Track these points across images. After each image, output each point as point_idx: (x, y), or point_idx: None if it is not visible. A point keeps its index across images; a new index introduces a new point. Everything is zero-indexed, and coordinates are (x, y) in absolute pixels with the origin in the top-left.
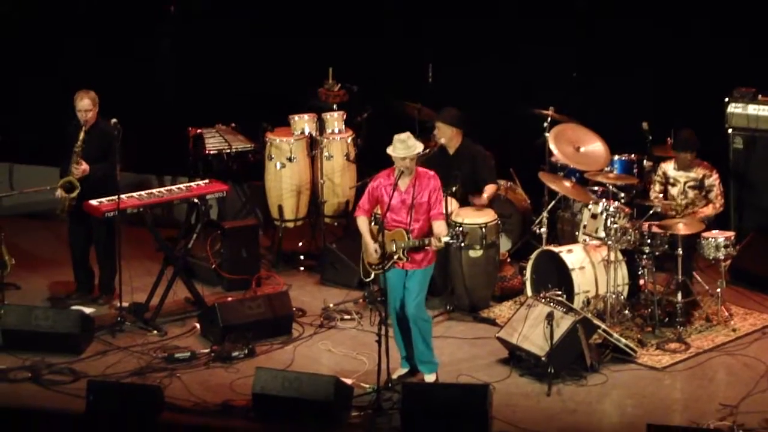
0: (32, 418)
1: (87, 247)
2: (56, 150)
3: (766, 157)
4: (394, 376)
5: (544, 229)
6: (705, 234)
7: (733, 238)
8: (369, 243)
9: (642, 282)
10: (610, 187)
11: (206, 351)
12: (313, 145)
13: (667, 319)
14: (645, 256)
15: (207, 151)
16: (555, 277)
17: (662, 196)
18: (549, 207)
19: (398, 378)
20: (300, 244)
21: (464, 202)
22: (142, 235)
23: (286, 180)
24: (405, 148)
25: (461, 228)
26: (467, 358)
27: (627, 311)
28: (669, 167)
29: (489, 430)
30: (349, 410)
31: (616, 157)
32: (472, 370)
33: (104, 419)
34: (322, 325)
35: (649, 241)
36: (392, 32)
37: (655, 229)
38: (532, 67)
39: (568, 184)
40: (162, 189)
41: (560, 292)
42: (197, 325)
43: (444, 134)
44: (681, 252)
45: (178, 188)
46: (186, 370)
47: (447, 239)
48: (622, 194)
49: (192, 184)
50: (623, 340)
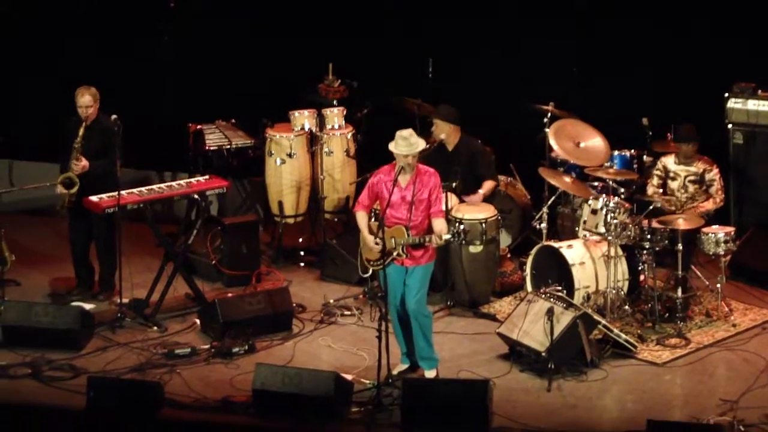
0: (32, 415)
1: (87, 243)
2: (56, 146)
3: (766, 152)
4: (395, 372)
5: (544, 225)
6: (705, 229)
7: (733, 233)
8: (367, 238)
9: (642, 277)
10: (610, 182)
11: (206, 347)
12: (313, 140)
13: (667, 314)
14: (645, 252)
15: (207, 147)
16: (555, 273)
17: (661, 190)
18: (549, 202)
19: (398, 374)
20: (300, 240)
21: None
22: (142, 231)
23: (286, 176)
24: (407, 145)
25: (461, 224)
26: (467, 354)
27: (627, 307)
28: (669, 161)
29: (489, 426)
30: (349, 406)
31: (616, 152)
32: (472, 366)
33: (104, 415)
34: (322, 321)
35: (649, 236)
36: (392, 29)
37: (655, 224)
38: (532, 62)
39: (568, 179)
40: (162, 185)
41: (560, 288)
42: (197, 321)
43: (441, 131)
44: (681, 247)
45: (178, 184)
46: (186, 366)
47: (448, 237)
48: (622, 190)
49: (192, 180)
50: (623, 336)
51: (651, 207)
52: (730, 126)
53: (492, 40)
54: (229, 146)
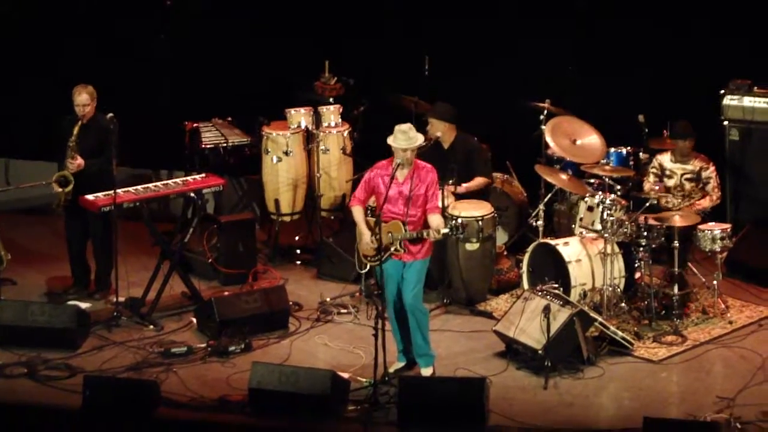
0: (28, 414)
1: (84, 241)
2: (52, 145)
3: (762, 148)
4: (391, 370)
5: (540, 222)
6: (701, 226)
7: (729, 230)
8: (364, 233)
9: (638, 274)
10: (607, 179)
11: (203, 346)
12: (309, 138)
13: (663, 311)
14: (641, 249)
15: (203, 145)
16: (552, 270)
17: (656, 187)
18: (545, 200)
19: (395, 372)
20: (296, 238)
21: (460, 195)
22: (138, 230)
23: (282, 174)
24: (406, 139)
25: (458, 220)
26: (464, 352)
27: (623, 304)
28: (665, 159)
29: (486, 424)
30: (345, 404)
31: (612, 149)
32: (468, 364)
33: (100, 414)
34: (318, 319)
35: (645, 233)
36: (389, 27)
37: (651, 221)
38: (529, 61)
39: (564, 176)
40: (158, 183)
41: (557, 285)
42: (194, 320)
43: (437, 130)
44: (677, 244)
45: (175, 182)
46: (182, 364)
47: (446, 231)
48: (619, 187)
49: (188, 178)
50: (620, 333)
51: (647, 204)
52: (726, 123)
53: (489, 38)
54: (225, 144)
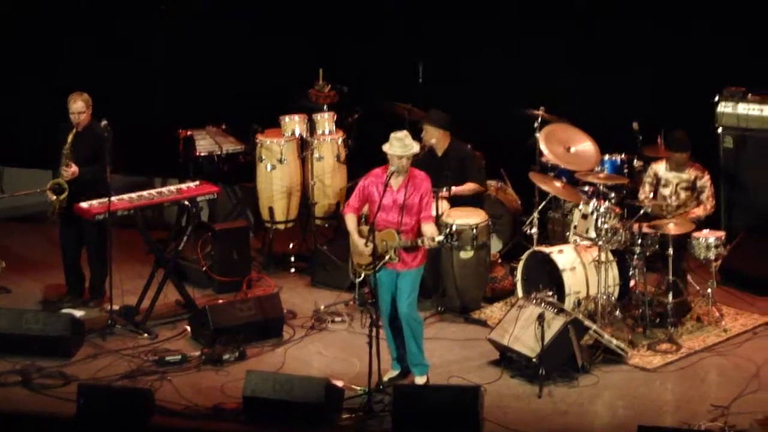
0: (23, 422)
1: (78, 249)
2: (47, 153)
3: (756, 156)
4: (385, 378)
5: (534, 230)
6: (695, 234)
7: (723, 237)
8: (358, 242)
9: (633, 282)
10: (601, 187)
11: (197, 354)
12: (303, 146)
13: (658, 319)
14: (636, 257)
15: (197, 153)
16: (546, 278)
17: (652, 195)
18: (540, 207)
19: (389, 380)
20: (291, 245)
21: (454, 203)
22: (132, 238)
23: (276, 181)
24: (402, 146)
25: (453, 228)
26: (458, 360)
27: (618, 312)
28: (660, 168)
29: None
30: (340, 412)
31: (607, 157)
32: (463, 372)
33: (95, 423)
34: (313, 327)
35: (639, 241)
36: (383, 34)
37: (645, 229)
38: (522, 68)
39: (558, 184)
40: (152, 191)
41: (551, 293)
42: (188, 328)
43: (431, 136)
44: (671, 252)
45: (169, 190)
46: (177, 373)
47: (440, 238)
48: (613, 194)
49: (183, 186)
50: (614, 341)
51: (642, 212)
52: (720, 130)
53: (483, 44)
54: (219, 152)
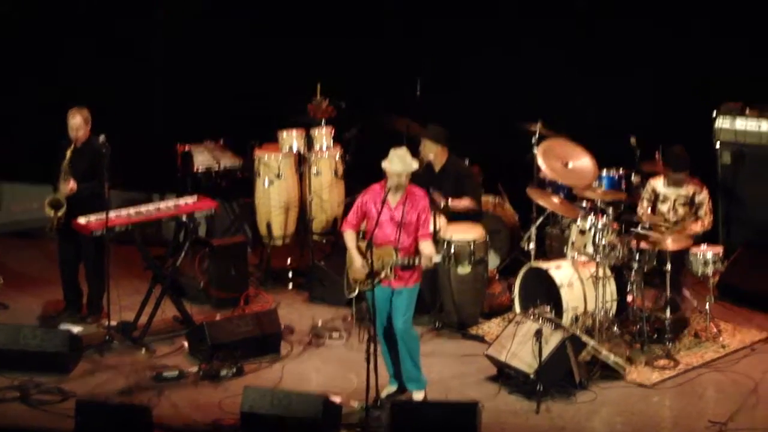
0: None
1: (77, 265)
2: (45, 168)
3: (754, 171)
4: (383, 394)
5: (532, 245)
6: (693, 249)
7: (721, 253)
8: (355, 258)
9: (630, 298)
10: (598, 202)
11: (194, 370)
12: (301, 161)
13: (655, 335)
14: (633, 272)
15: (195, 168)
16: (543, 294)
17: (650, 211)
18: (537, 223)
19: (387, 396)
20: (288, 261)
21: (451, 218)
22: (130, 254)
23: (274, 197)
24: (402, 163)
25: (450, 246)
26: (456, 376)
27: (616, 328)
28: (658, 184)
29: None
30: (337, 428)
31: (604, 172)
32: (460, 388)
33: None
34: (310, 343)
35: (637, 256)
36: (381, 49)
37: (643, 244)
38: (521, 74)
39: (556, 200)
40: (150, 206)
41: (549, 309)
42: (185, 344)
43: (429, 151)
44: (669, 268)
45: (167, 206)
46: (174, 389)
47: (437, 260)
48: (611, 210)
49: (180, 201)
50: (612, 357)
51: (639, 228)
52: (717, 145)
53: (481, 59)
54: (217, 167)
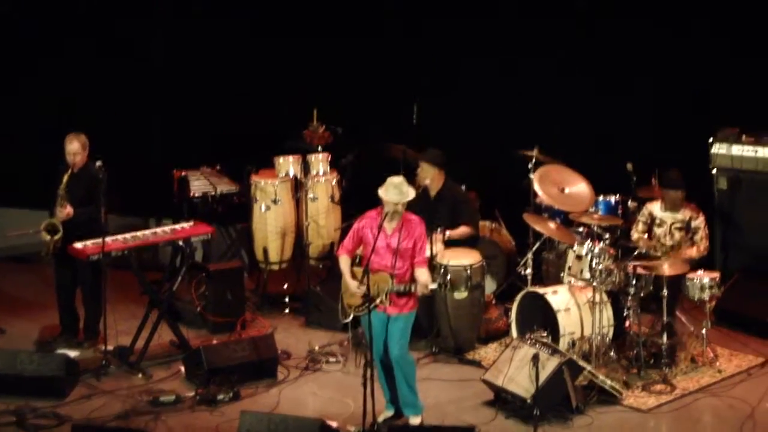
0: None
1: (73, 289)
2: (42, 193)
3: (751, 197)
4: (380, 419)
5: (529, 271)
6: (690, 275)
7: (717, 278)
8: (350, 283)
9: (627, 323)
10: (595, 228)
11: (191, 394)
12: (298, 186)
13: (652, 360)
14: (630, 297)
15: (192, 194)
16: (540, 319)
17: (645, 236)
18: (534, 248)
19: (384, 421)
20: (285, 286)
21: (448, 243)
22: (126, 278)
23: (271, 222)
24: (398, 193)
25: (447, 273)
26: (453, 400)
27: (612, 353)
28: (655, 208)
29: None
30: None
31: (601, 197)
32: (457, 413)
33: None
34: (307, 368)
35: (634, 282)
36: (377, 73)
37: (640, 270)
38: (516, 109)
39: (552, 225)
40: (147, 231)
41: (545, 334)
42: (182, 368)
43: (427, 174)
44: (666, 293)
45: (163, 231)
46: (171, 413)
47: (434, 287)
48: (607, 235)
49: (177, 226)
50: (609, 382)
51: (636, 253)
52: (714, 171)
53: (477, 85)
54: (214, 192)
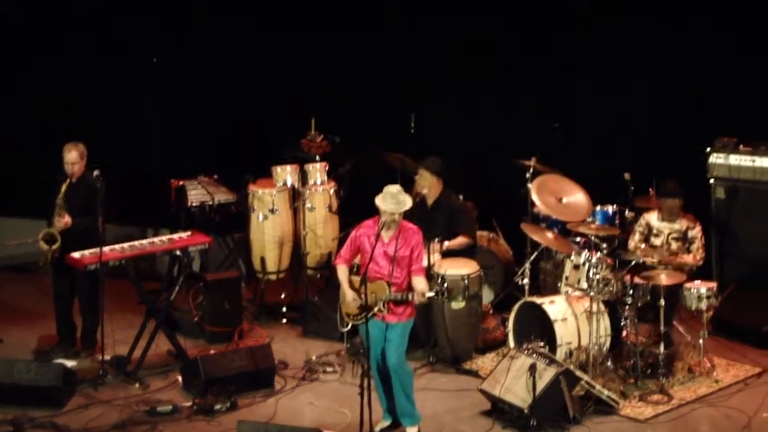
0: None
1: (71, 299)
2: (40, 202)
3: (748, 207)
4: (377, 429)
5: (526, 281)
6: (687, 284)
7: (715, 288)
8: (347, 293)
9: (624, 333)
10: (592, 238)
11: (188, 404)
12: (295, 196)
13: (649, 370)
14: (627, 307)
15: (189, 203)
16: (537, 329)
17: (642, 245)
18: (531, 258)
19: (381, 431)
20: (282, 296)
21: (445, 253)
22: (124, 288)
23: (268, 232)
24: (396, 203)
25: (444, 282)
26: (450, 410)
27: (609, 362)
28: (652, 218)
29: None
30: None
31: (598, 208)
32: (454, 423)
33: None
34: (304, 378)
35: (631, 291)
36: (374, 84)
37: (637, 279)
38: (514, 118)
39: (550, 235)
40: (144, 241)
41: (543, 344)
42: (179, 378)
43: (425, 182)
44: (663, 303)
45: (161, 240)
46: (168, 423)
47: (431, 294)
48: (605, 245)
49: (174, 236)
50: (606, 392)
51: (633, 263)
52: (711, 180)
53: (475, 94)
54: (211, 202)
